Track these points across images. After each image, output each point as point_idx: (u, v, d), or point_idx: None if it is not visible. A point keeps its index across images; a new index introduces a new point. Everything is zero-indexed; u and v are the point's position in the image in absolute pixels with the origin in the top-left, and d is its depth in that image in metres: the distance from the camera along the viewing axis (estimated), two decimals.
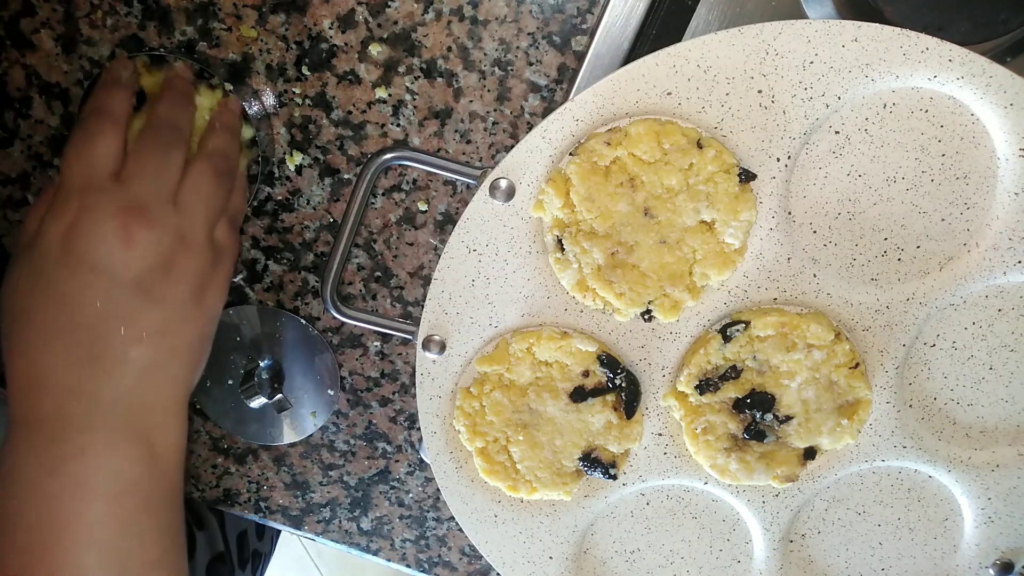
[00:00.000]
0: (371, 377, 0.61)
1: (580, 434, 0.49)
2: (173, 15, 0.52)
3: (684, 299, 0.46)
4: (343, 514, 0.66)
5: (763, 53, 0.41)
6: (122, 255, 0.42)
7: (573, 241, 0.45)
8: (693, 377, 0.47)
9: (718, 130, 0.43)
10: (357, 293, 0.59)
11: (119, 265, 0.42)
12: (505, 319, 0.47)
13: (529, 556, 0.52)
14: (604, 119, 0.43)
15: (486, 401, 0.49)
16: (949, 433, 0.50)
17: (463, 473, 0.51)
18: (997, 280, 0.45)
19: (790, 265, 0.45)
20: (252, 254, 0.58)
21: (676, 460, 0.50)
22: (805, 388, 0.47)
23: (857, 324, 0.47)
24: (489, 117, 0.53)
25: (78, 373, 0.42)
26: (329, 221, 0.57)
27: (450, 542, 0.66)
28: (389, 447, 0.63)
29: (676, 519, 0.52)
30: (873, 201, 0.44)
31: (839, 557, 0.53)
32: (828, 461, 0.50)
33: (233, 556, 0.73)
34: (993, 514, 0.51)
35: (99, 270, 0.42)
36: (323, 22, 0.51)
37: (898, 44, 0.41)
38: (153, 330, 0.43)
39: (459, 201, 0.55)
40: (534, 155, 0.44)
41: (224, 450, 0.64)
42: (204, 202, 0.45)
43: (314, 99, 0.53)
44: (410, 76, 0.52)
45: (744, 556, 0.53)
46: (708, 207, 0.44)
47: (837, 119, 0.43)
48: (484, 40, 0.51)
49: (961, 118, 0.43)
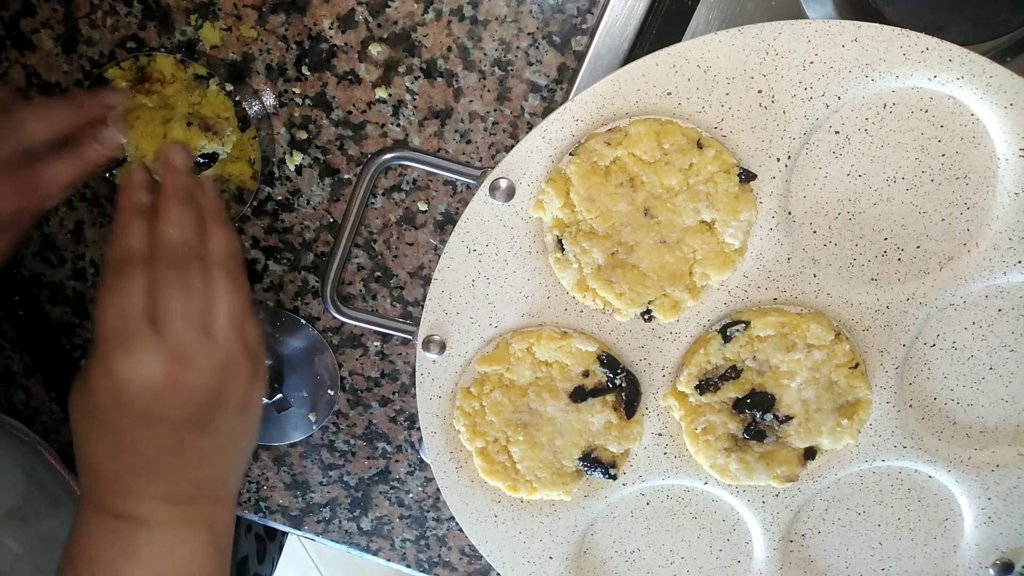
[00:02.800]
0: (371, 377, 0.61)
1: (580, 434, 0.49)
2: (173, 15, 0.52)
3: (684, 299, 0.46)
4: (343, 514, 0.66)
5: (763, 53, 0.41)
6: (172, 401, 0.43)
7: (573, 241, 0.45)
8: (693, 377, 0.47)
9: (718, 130, 0.43)
10: (357, 293, 0.59)
11: (171, 410, 0.44)
12: (505, 319, 0.47)
13: (529, 556, 0.52)
14: (604, 119, 0.43)
15: (486, 401, 0.49)
16: (949, 433, 0.50)
17: (463, 473, 0.51)
18: (997, 280, 0.45)
19: (790, 265, 0.45)
20: (252, 254, 0.58)
21: (676, 460, 0.50)
22: (805, 388, 0.47)
23: (857, 324, 0.47)
24: (489, 117, 0.53)
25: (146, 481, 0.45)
26: (329, 221, 0.57)
27: (450, 542, 0.66)
28: (389, 447, 0.63)
29: (676, 519, 0.52)
30: (873, 201, 0.44)
31: (839, 557, 0.53)
32: (828, 461, 0.50)
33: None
34: (993, 514, 0.51)
35: (154, 417, 0.44)
36: (323, 22, 0.51)
37: (898, 44, 0.41)
38: (210, 451, 0.46)
39: (459, 201, 0.55)
40: (534, 155, 0.44)
41: None
42: (232, 319, 0.46)
43: (314, 99, 0.53)
44: (410, 76, 0.52)
45: (744, 556, 0.53)
46: (708, 207, 0.44)
47: (837, 119, 0.43)
48: (484, 40, 0.51)
49: (961, 118, 0.43)
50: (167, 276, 0.45)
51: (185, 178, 0.48)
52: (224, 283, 0.46)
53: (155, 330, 0.44)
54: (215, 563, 0.47)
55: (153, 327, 0.44)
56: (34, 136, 0.47)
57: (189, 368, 0.43)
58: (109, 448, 0.45)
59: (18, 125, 0.47)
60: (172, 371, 0.43)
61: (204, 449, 0.46)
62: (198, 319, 0.45)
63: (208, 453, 0.46)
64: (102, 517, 0.45)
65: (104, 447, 0.45)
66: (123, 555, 0.44)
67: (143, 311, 0.44)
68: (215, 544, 0.47)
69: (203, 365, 0.44)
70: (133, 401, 0.43)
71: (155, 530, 0.45)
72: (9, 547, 0.48)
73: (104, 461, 0.45)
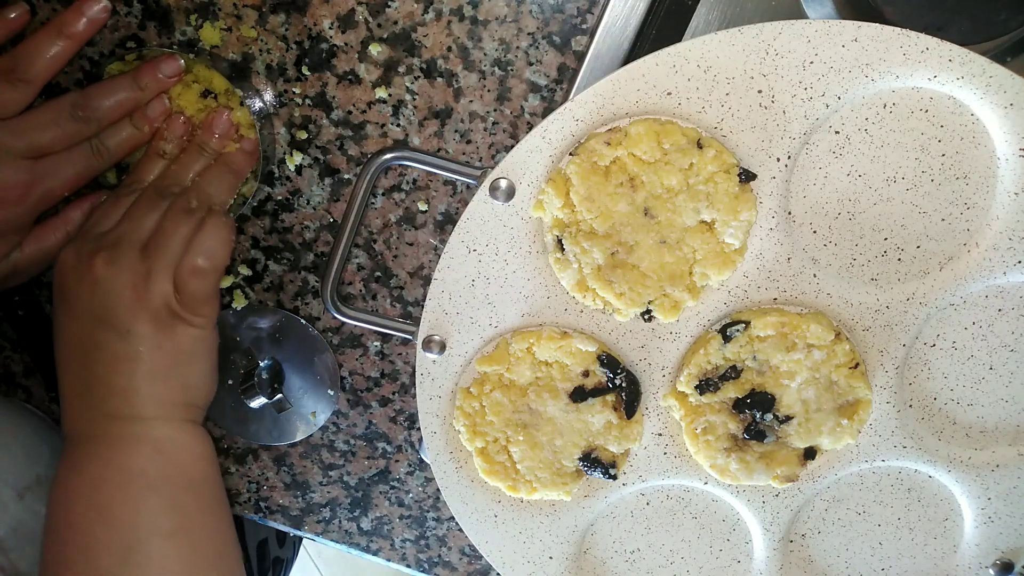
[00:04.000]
0: (371, 377, 0.61)
1: (580, 434, 0.49)
2: (173, 15, 0.52)
3: (684, 299, 0.46)
4: (343, 514, 0.66)
5: (763, 53, 0.41)
6: (89, 291, 0.47)
7: (573, 241, 0.45)
8: (693, 377, 0.47)
9: (718, 130, 0.43)
10: (357, 293, 0.59)
11: (88, 300, 0.47)
12: (505, 319, 0.47)
13: (529, 556, 0.52)
14: (604, 119, 0.43)
15: (486, 401, 0.49)
16: (949, 433, 0.50)
17: (463, 473, 0.51)
18: (997, 280, 0.45)
19: (790, 265, 0.45)
20: (252, 254, 0.58)
21: (676, 460, 0.50)
22: (805, 388, 0.47)
23: (857, 324, 0.47)
24: (489, 117, 0.53)
25: (82, 396, 0.49)
26: (329, 221, 0.57)
27: (450, 542, 0.66)
28: (389, 447, 0.63)
29: (676, 519, 0.52)
30: (873, 201, 0.44)
31: (839, 557, 0.53)
32: (828, 461, 0.50)
33: (254, 565, 0.73)
34: (993, 514, 0.51)
35: (77, 306, 0.48)
36: (323, 22, 0.51)
37: (898, 44, 0.41)
38: (127, 356, 0.48)
39: (459, 201, 0.55)
40: (534, 155, 0.44)
41: (224, 450, 0.64)
42: (171, 246, 0.48)
43: (314, 99, 0.53)
44: (410, 76, 0.52)
45: (744, 556, 0.53)
46: (708, 207, 0.44)
47: (837, 119, 0.43)
48: (484, 40, 0.51)
49: (961, 118, 0.43)
50: (145, 196, 0.49)
51: (215, 140, 0.51)
52: (180, 214, 0.48)
53: (103, 232, 0.48)
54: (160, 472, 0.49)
55: (105, 232, 0.48)
56: (103, 117, 0.50)
57: (108, 263, 0.47)
58: (62, 353, 0.49)
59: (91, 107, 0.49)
60: (93, 260, 0.47)
61: (123, 354, 0.47)
62: (143, 233, 0.48)
63: (129, 360, 0.47)
64: (71, 443, 0.49)
65: (59, 353, 0.49)
66: (69, 469, 0.48)
67: (110, 224, 0.49)
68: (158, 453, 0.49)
69: (122, 264, 0.47)
70: (63, 287, 0.48)
71: (91, 444, 0.48)
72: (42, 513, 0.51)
73: (60, 376, 0.49)
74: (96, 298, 0.47)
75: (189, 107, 0.51)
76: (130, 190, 0.50)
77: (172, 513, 0.49)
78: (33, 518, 0.53)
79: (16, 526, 0.53)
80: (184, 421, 0.51)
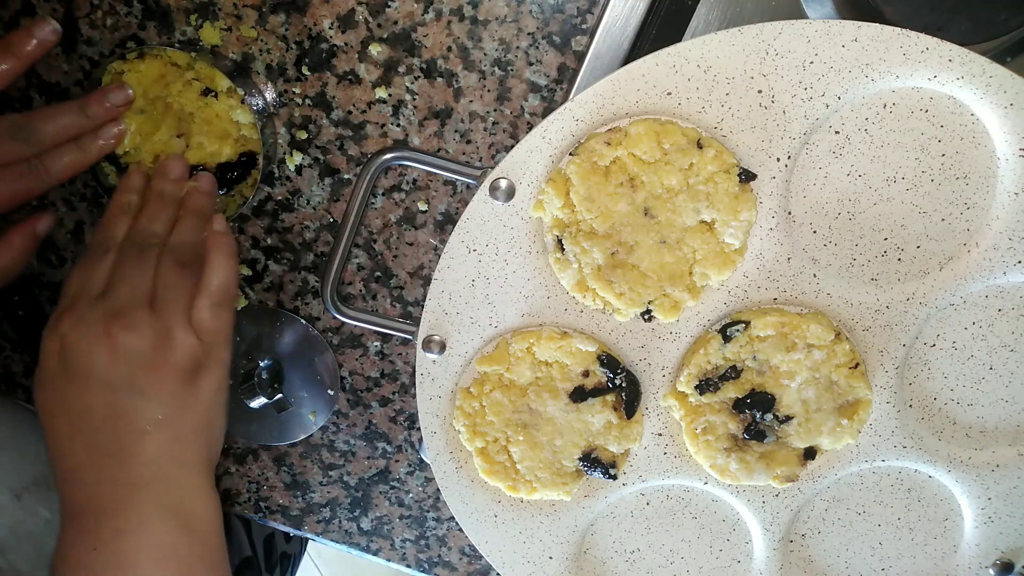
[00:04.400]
0: (371, 377, 0.61)
1: (580, 434, 0.49)
2: (173, 15, 0.52)
3: (684, 299, 0.46)
4: (343, 514, 0.66)
5: (763, 53, 0.41)
6: (109, 359, 0.45)
7: (573, 241, 0.45)
8: (693, 377, 0.47)
9: (718, 130, 0.43)
10: (357, 293, 0.59)
11: (108, 369, 0.45)
12: (505, 319, 0.47)
13: (529, 556, 0.52)
14: (604, 119, 0.43)
15: (486, 401, 0.49)
16: (949, 433, 0.50)
17: (463, 473, 0.51)
18: (997, 280, 0.45)
19: (790, 265, 0.45)
20: (252, 254, 0.58)
21: (676, 460, 0.50)
22: (805, 388, 0.47)
23: (857, 324, 0.47)
24: (489, 117, 0.53)
25: (100, 466, 0.45)
26: (329, 221, 0.57)
27: (450, 542, 0.66)
28: (389, 447, 0.63)
29: (676, 519, 0.52)
30: (873, 201, 0.44)
31: (839, 557, 0.53)
32: (828, 461, 0.50)
33: (260, 560, 0.73)
34: (993, 514, 0.51)
35: (93, 376, 0.45)
36: (323, 22, 0.51)
37: (898, 44, 0.41)
38: (154, 423, 0.46)
39: (459, 201, 0.55)
40: (534, 155, 0.44)
41: (224, 450, 0.64)
42: (177, 297, 0.48)
43: (314, 99, 0.53)
44: (410, 76, 0.52)
45: (744, 556, 0.53)
46: (708, 207, 0.44)
47: (837, 119, 0.43)
48: (484, 40, 0.51)
49: (961, 118, 0.43)
50: (127, 255, 0.48)
51: (172, 185, 0.51)
52: (175, 268, 0.48)
53: (103, 297, 0.46)
54: (188, 547, 0.46)
55: (102, 296, 0.46)
56: (44, 140, 0.50)
57: (126, 328, 0.45)
58: (64, 426, 0.46)
59: (30, 129, 0.49)
60: (108, 327, 0.45)
61: (150, 419, 0.46)
62: (144, 291, 0.47)
63: (156, 426, 0.46)
64: (72, 519, 0.45)
65: (60, 425, 0.46)
66: (88, 547, 0.44)
67: (100, 287, 0.47)
68: (187, 528, 0.46)
69: (140, 327, 0.45)
70: (74, 359, 0.45)
71: (116, 518, 0.44)
72: (40, 513, 0.50)
73: (63, 448, 0.46)
74: (117, 365, 0.45)
75: (188, 106, 0.51)
76: (103, 248, 0.49)
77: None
78: (31, 518, 0.53)
79: (14, 526, 0.52)
80: (204, 485, 0.48)
